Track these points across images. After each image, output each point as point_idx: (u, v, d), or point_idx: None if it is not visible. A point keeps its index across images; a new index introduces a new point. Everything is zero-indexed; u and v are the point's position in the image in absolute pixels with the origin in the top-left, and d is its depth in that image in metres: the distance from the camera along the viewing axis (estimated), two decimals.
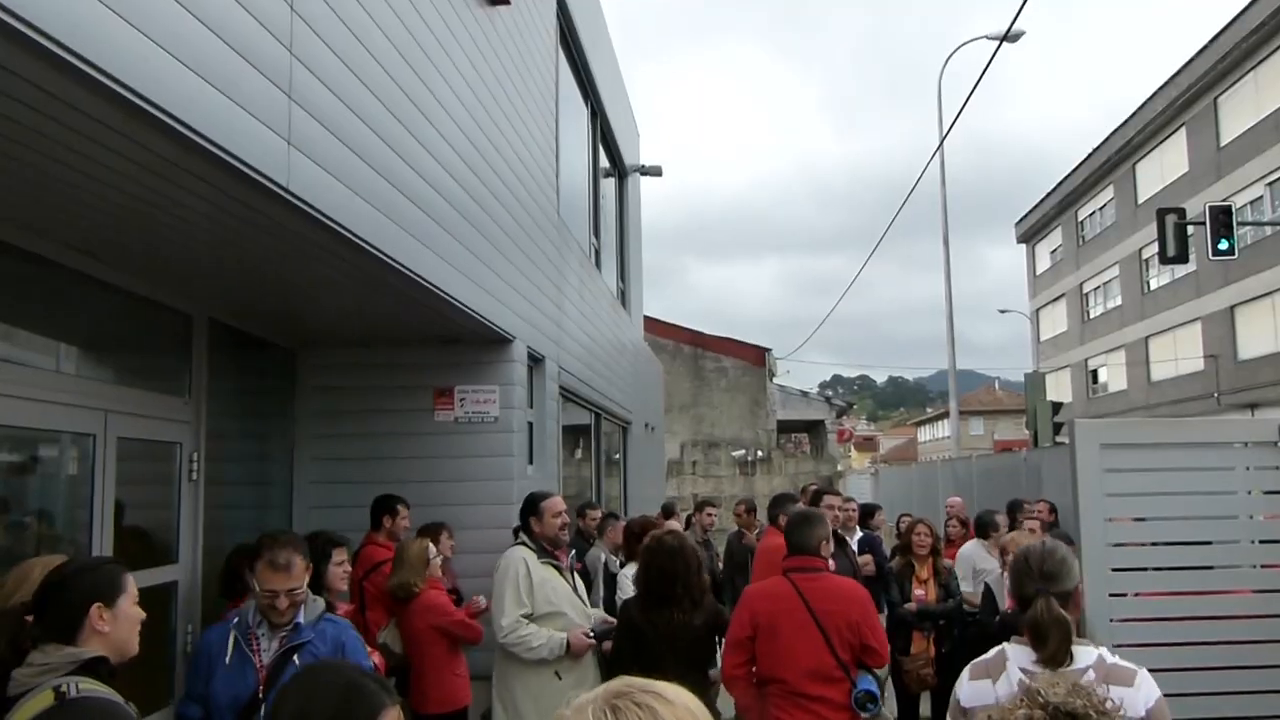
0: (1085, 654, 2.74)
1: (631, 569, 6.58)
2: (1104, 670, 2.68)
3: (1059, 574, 2.83)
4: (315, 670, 2.02)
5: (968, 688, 2.88)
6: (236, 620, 3.60)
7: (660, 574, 4.89)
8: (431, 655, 5.33)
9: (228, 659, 3.50)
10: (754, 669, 4.60)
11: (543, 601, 5.18)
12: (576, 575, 5.64)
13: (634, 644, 4.86)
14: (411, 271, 4.63)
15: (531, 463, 7.48)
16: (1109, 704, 1.78)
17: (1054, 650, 2.72)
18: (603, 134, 11.96)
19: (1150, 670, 3.62)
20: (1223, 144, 27.62)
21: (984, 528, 7.81)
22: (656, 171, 14.86)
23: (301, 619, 3.57)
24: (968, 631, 6.60)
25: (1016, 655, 2.81)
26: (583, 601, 5.48)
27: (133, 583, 2.73)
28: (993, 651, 2.92)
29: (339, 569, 4.49)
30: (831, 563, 6.48)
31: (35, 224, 3.84)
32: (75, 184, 3.31)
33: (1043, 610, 2.75)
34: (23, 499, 4.38)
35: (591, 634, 5.22)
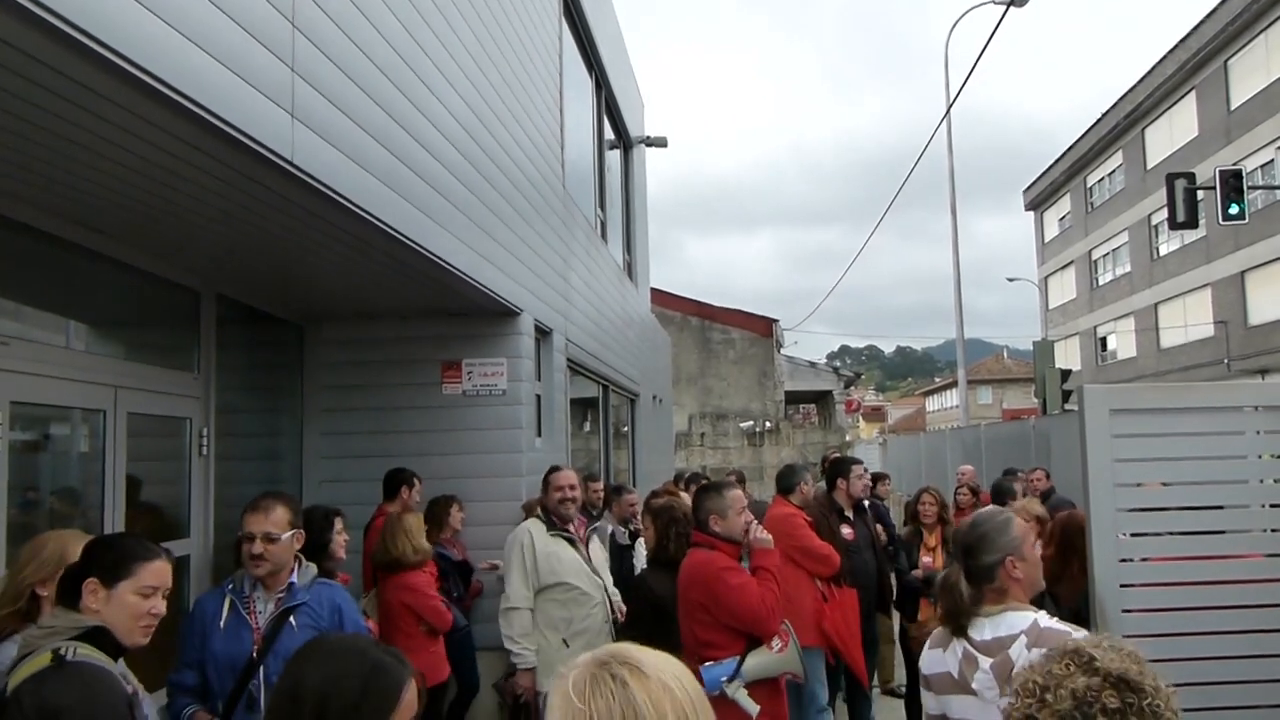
0: (1017, 619, 2.78)
1: None
2: (1036, 633, 2.71)
3: (975, 547, 2.90)
4: (332, 650, 1.93)
5: (927, 656, 3.01)
6: (231, 585, 3.60)
7: (672, 537, 4.92)
8: (402, 629, 5.35)
9: (222, 622, 3.51)
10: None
11: (548, 573, 5.26)
12: (590, 546, 5.63)
13: (653, 612, 4.88)
14: (417, 244, 4.63)
15: (540, 435, 7.49)
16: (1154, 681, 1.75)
17: (944, 614, 2.93)
18: (608, 105, 11.87)
19: (1160, 635, 3.64)
20: (1233, 107, 27.33)
21: (1001, 495, 7.82)
22: (662, 143, 14.74)
23: (295, 579, 3.58)
24: None
25: None
26: (595, 573, 5.50)
27: (150, 575, 2.67)
28: None
29: (340, 537, 4.54)
30: (849, 531, 6.55)
31: (42, 200, 3.84)
32: (81, 160, 3.31)
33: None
34: (36, 475, 4.41)
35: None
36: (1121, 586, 3.76)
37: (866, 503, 8.31)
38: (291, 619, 3.49)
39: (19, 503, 4.01)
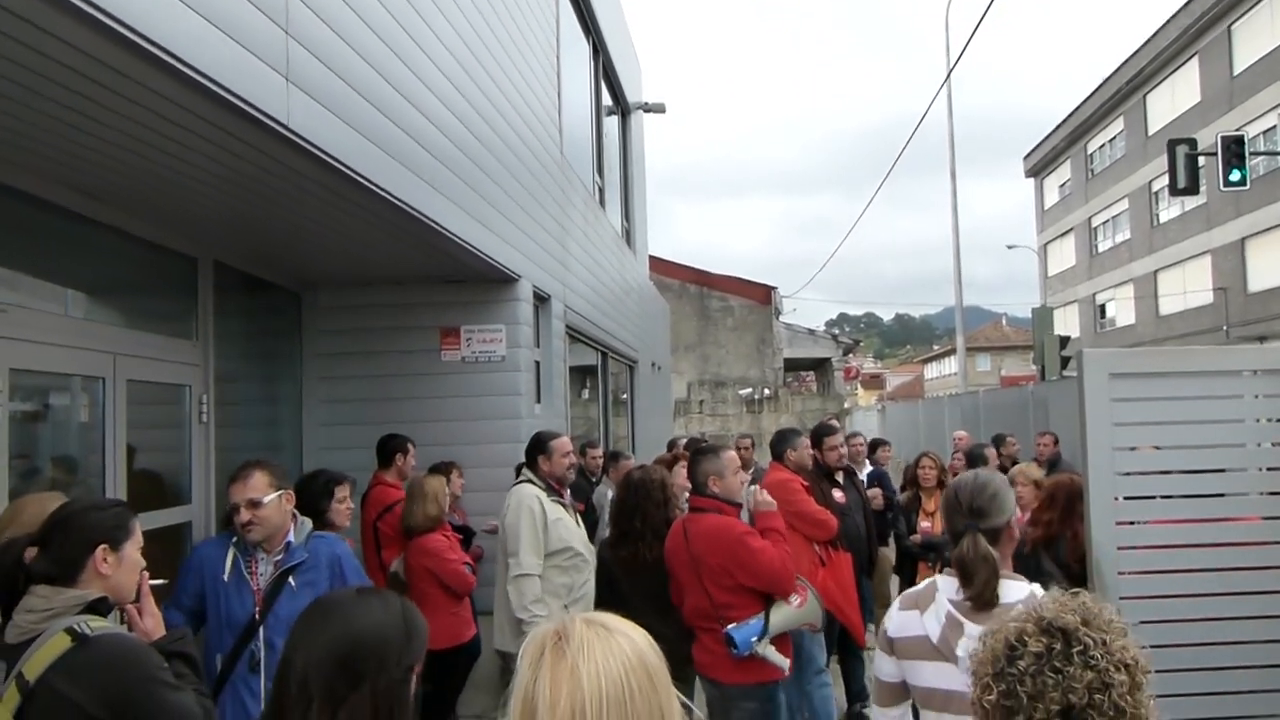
0: (1017, 589, 2.62)
1: None
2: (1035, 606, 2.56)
3: (988, 510, 2.71)
4: (353, 604, 1.91)
5: (896, 618, 2.79)
6: (235, 539, 3.62)
7: (620, 508, 5.08)
8: (425, 592, 5.42)
9: (226, 575, 3.54)
10: None
11: (556, 539, 5.26)
12: (577, 513, 5.70)
13: (608, 580, 4.98)
14: (413, 209, 4.60)
15: (539, 402, 7.50)
16: (1114, 622, 1.76)
17: (980, 588, 2.61)
18: (605, 71, 11.78)
19: (1158, 597, 3.66)
20: (1236, 73, 27.12)
21: (975, 461, 7.92)
22: (660, 108, 14.65)
23: (291, 538, 3.61)
24: None
25: (946, 587, 2.71)
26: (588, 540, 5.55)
27: (139, 528, 2.66)
28: (924, 583, 2.84)
29: (342, 505, 4.52)
30: (840, 494, 6.58)
31: (37, 167, 3.81)
32: (74, 124, 3.28)
33: (969, 548, 2.64)
34: (36, 443, 4.41)
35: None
36: (1119, 549, 3.77)
37: (870, 469, 8.41)
38: (291, 579, 3.52)
39: (19, 471, 4.02)
